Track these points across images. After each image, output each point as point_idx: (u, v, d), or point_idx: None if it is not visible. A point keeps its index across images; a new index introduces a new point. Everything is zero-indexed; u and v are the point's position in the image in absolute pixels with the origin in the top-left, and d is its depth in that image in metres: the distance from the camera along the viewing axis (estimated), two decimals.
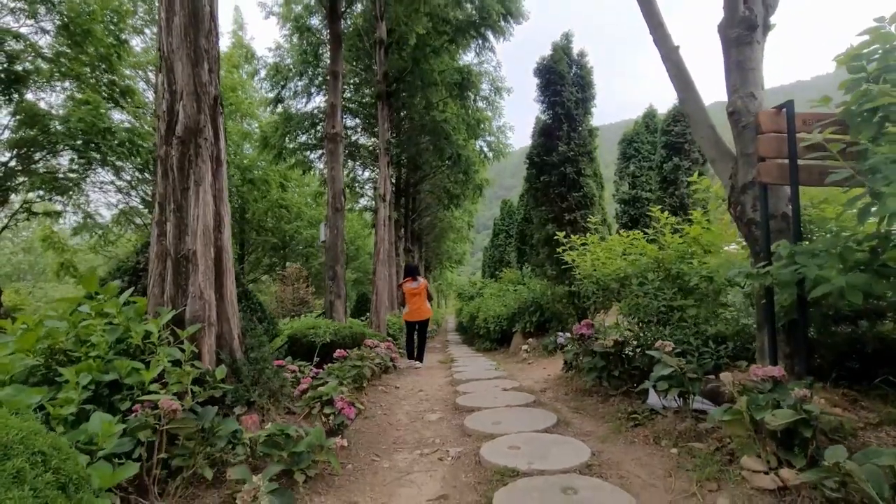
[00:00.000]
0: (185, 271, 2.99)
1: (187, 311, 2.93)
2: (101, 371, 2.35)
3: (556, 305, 8.18)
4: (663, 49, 3.97)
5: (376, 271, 11.51)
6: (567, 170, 8.31)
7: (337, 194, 7.91)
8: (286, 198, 22.31)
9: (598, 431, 3.21)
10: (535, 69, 9.08)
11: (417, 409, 4.32)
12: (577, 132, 8.49)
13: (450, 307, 55.68)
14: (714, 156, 3.65)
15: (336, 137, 8.02)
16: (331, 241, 7.82)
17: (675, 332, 3.62)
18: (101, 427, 1.84)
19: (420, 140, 16.61)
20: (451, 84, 13.60)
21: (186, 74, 3.17)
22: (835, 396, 2.98)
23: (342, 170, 8.18)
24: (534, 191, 9.06)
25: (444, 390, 5.18)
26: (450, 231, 32.98)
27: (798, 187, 2.61)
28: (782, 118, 2.64)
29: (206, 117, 3.22)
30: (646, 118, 12.88)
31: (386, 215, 11.76)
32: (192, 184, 3.09)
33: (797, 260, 2.36)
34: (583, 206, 8.22)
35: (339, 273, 7.69)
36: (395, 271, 17.75)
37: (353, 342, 6.18)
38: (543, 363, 6.95)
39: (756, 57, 3.34)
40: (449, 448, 3.03)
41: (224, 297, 3.18)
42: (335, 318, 7.47)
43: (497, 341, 11.24)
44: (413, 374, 6.77)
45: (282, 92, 14.54)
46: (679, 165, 9.75)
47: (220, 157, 3.32)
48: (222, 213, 3.28)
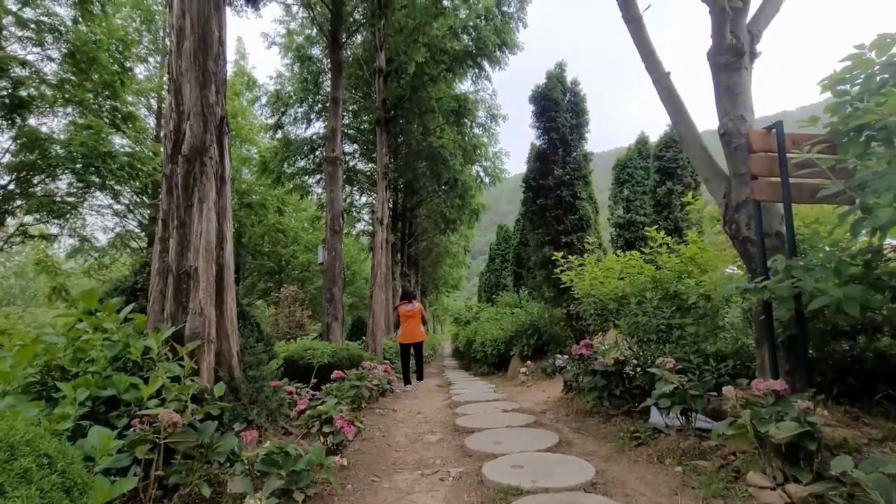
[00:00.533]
0: (186, 288, 2.99)
1: (187, 328, 2.92)
2: (98, 387, 2.32)
3: (553, 328, 8.16)
4: (654, 74, 4.13)
5: (373, 294, 11.46)
6: (563, 193, 8.44)
7: (335, 216, 7.97)
8: (283, 222, 22.38)
9: (601, 451, 3.17)
10: (531, 96, 9.34)
11: (416, 430, 4.24)
12: (572, 157, 8.67)
13: (446, 333, 55.20)
14: (708, 175, 3.74)
15: (336, 161, 8.14)
16: (328, 263, 7.82)
17: (675, 351, 3.62)
18: (99, 441, 1.80)
19: (417, 165, 16.86)
20: (447, 111, 13.93)
21: (194, 96, 3.25)
22: (837, 414, 2.97)
23: (341, 193, 8.26)
24: (530, 214, 9.17)
25: (443, 412, 5.10)
26: (446, 256, 33.04)
27: (791, 204, 2.68)
28: (772, 138, 2.73)
29: (212, 137, 3.29)
30: (638, 144, 13.18)
31: (383, 238, 11.80)
32: (196, 201, 3.13)
33: (794, 274, 2.40)
34: (579, 229, 8.31)
35: (337, 295, 7.66)
36: (392, 295, 17.69)
37: (350, 364, 6.11)
38: (542, 385, 6.87)
39: (744, 82, 3.48)
40: (450, 468, 2.97)
41: (224, 314, 3.17)
42: (332, 340, 7.40)
43: (495, 365, 11.12)
44: (411, 398, 6.67)
45: (282, 118, 14.81)
46: (672, 190, 9.94)
47: (224, 175, 3.38)
48: (225, 230, 3.31)
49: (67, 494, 1.03)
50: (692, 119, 3.93)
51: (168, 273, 3.02)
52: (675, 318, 3.86)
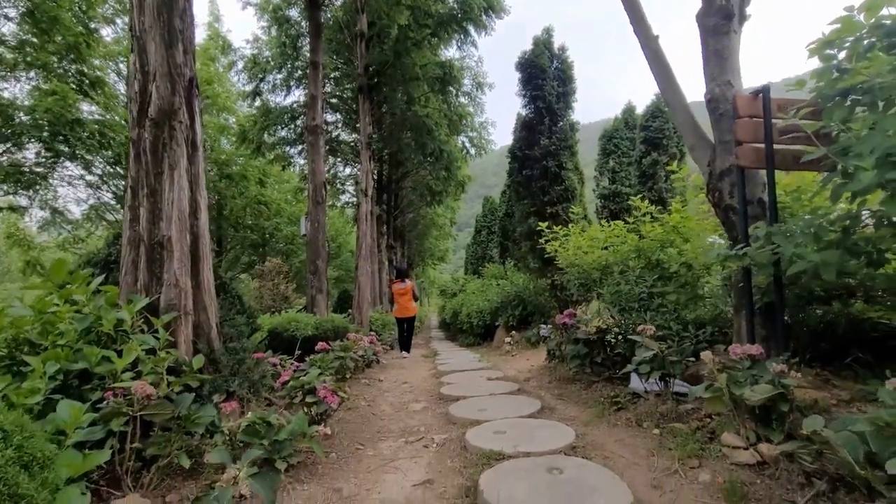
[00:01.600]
0: (160, 258, 2.89)
1: (162, 300, 2.84)
2: (69, 360, 2.25)
3: (538, 298, 8.24)
4: (643, 38, 4.02)
5: (358, 267, 11.39)
6: (549, 163, 8.36)
7: (318, 187, 7.79)
8: (265, 194, 21.87)
9: (581, 416, 3.24)
10: (517, 63, 9.11)
11: (402, 399, 4.28)
12: (559, 126, 8.55)
13: (432, 305, 55.62)
14: (693, 142, 3.71)
15: (316, 129, 7.89)
16: (311, 234, 7.69)
17: (655, 318, 3.67)
18: (69, 414, 1.75)
19: (402, 135, 16.50)
20: (432, 78, 13.54)
21: (160, 55, 3.06)
22: (808, 377, 3.07)
23: (323, 163, 8.05)
24: (516, 185, 9.11)
25: (429, 382, 5.16)
26: (432, 228, 32.90)
27: (774, 171, 2.67)
28: (758, 103, 2.69)
29: (181, 99, 3.11)
30: (625, 115, 13.07)
31: (368, 210, 11.64)
32: (166, 168, 2.98)
33: (774, 240, 2.41)
34: (564, 200, 8.29)
35: (321, 267, 7.57)
36: (378, 267, 17.63)
37: (335, 336, 6.10)
38: (527, 355, 6.99)
39: (733, 46, 3.41)
40: (434, 435, 3.01)
41: (201, 286, 3.09)
42: (317, 312, 7.36)
43: (480, 336, 11.27)
44: (397, 368, 6.72)
45: (260, 85, 14.23)
46: (657, 160, 9.93)
47: (195, 140, 3.22)
48: (198, 198, 3.18)
49: (25, 469, 0.98)
50: (679, 84, 3.86)
51: (140, 243, 2.90)
52: (657, 287, 3.90)
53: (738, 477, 2.06)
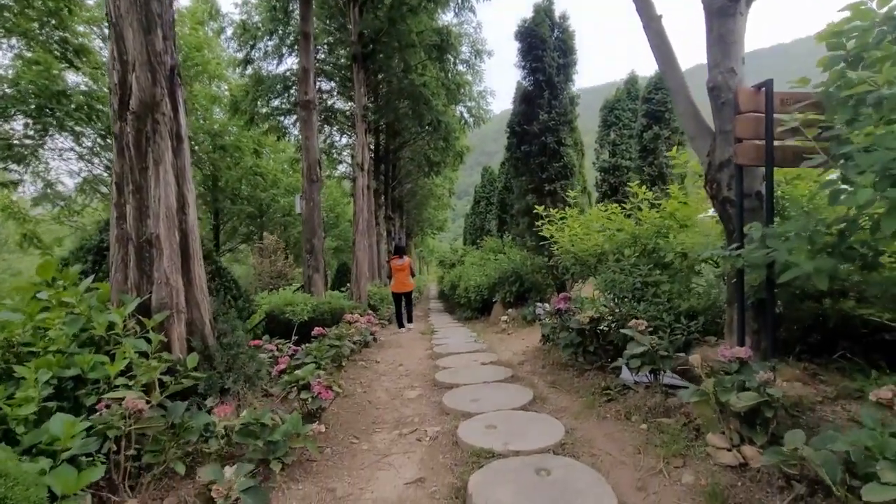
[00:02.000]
0: (149, 256, 2.86)
1: (153, 299, 2.83)
2: (62, 366, 2.26)
3: (535, 276, 8.27)
4: (645, 18, 3.84)
5: (356, 242, 11.36)
6: (547, 139, 8.20)
7: (312, 165, 7.65)
8: (261, 165, 21.54)
9: (572, 407, 3.30)
10: (516, 32, 8.78)
11: (397, 385, 4.36)
12: (559, 100, 8.32)
13: (431, 274, 55.99)
14: (693, 132, 3.61)
15: (309, 105, 7.66)
16: (307, 213, 7.62)
17: (648, 309, 3.69)
18: (62, 430, 1.77)
19: (399, 105, 16.09)
20: (429, 46, 13.07)
21: (138, 42, 2.92)
22: (797, 370, 3.11)
23: (317, 138, 7.87)
24: (514, 160, 8.96)
25: (424, 364, 5.24)
26: (431, 198, 32.67)
27: (773, 169, 2.60)
28: (761, 98, 2.59)
29: (163, 90, 3.00)
30: (628, 85, 12.69)
31: (364, 184, 11.50)
32: (150, 163, 2.91)
33: (768, 243, 2.38)
34: (563, 177, 8.18)
35: (317, 246, 7.54)
36: (377, 240, 17.60)
37: (332, 318, 6.15)
38: (522, 334, 7.07)
39: (738, 30, 3.26)
40: (427, 427, 3.08)
41: (192, 282, 3.08)
42: (314, 291, 7.39)
43: (478, 310, 11.38)
44: (394, 347, 6.82)
45: (251, 53, 13.72)
46: (659, 134, 9.72)
47: (180, 133, 3.13)
48: (186, 193, 3.12)
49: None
50: (681, 70, 3.72)
51: (128, 241, 2.87)
52: (652, 276, 3.89)
53: (720, 479, 2.12)
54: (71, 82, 12.61)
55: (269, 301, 6.81)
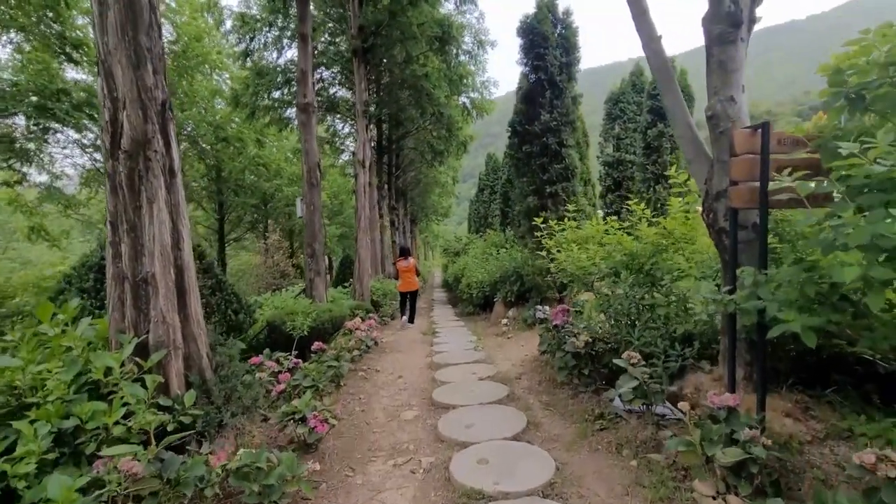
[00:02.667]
0: (145, 295, 2.90)
1: (150, 338, 2.87)
2: (60, 416, 2.32)
3: (536, 278, 8.27)
4: (645, 37, 3.76)
5: (358, 239, 11.38)
6: (549, 140, 8.09)
7: (312, 168, 7.61)
8: (263, 155, 21.44)
9: (565, 435, 3.35)
10: (519, 28, 8.58)
11: (395, 401, 4.43)
12: (561, 100, 8.19)
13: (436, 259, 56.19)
14: (690, 156, 3.57)
15: (308, 108, 7.59)
16: (308, 218, 7.62)
17: (644, 333, 3.70)
18: (59, 493, 1.83)
19: (400, 95, 15.91)
20: (431, 37, 12.82)
21: (128, 79, 2.90)
22: (788, 403, 3.12)
23: (316, 143, 7.82)
24: (516, 160, 8.87)
25: (423, 376, 5.30)
26: (434, 185, 32.54)
27: (767, 211, 2.57)
28: (757, 139, 2.54)
29: (155, 126, 2.99)
30: (633, 77, 12.42)
31: (366, 182, 11.45)
32: (144, 201, 2.92)
33: (759, 293, 2.37)
34: (564, 179, 8.10)
35: (318, 250, 7.57)
36: (380, 233, 17.62)
37: (333, 327, 6.21)
38: (522, 338, 7.12)
39: (739, 56, 3.18)
40: (422, 458, 3.14)
41: (189, 317, 3.12)
42: (315, 295, 7.45)
43: (480, 306, 11.45)
44: (394, 352, 6.90)
45: (250, 45, 13.54)
46: (663, 132, 9.55)
47: (173, 168, 3.12)
48: (180, 228, 3.14)
49: None
50: (680, 92, 3.65)
51: (124, 280, 2.90)
52: (647, 299, 3.89)
53: None
54: (70, 77, 12.54)
55: (272, 304, 6.89)
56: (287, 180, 23.56)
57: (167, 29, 16.35)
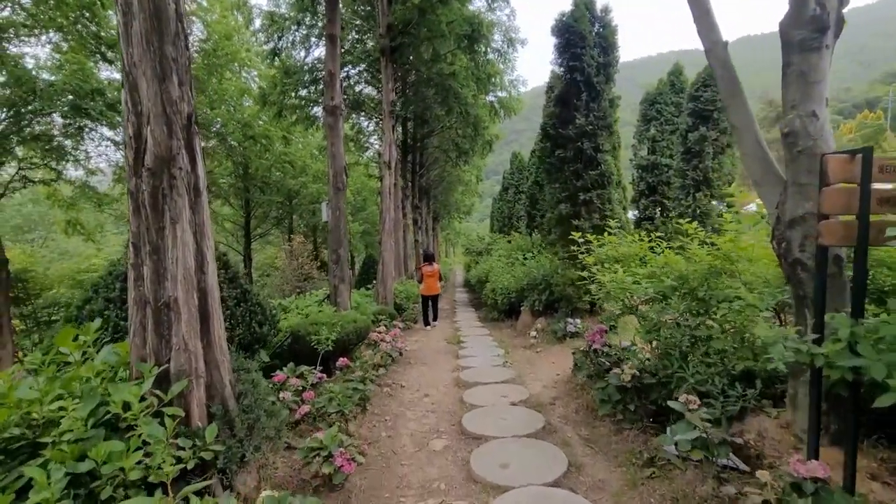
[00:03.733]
0: (167, 320, 2.74)
1: (171, 366, 2.71)
2: (76, 457, 2.17)
3: (567, 288, 7.92)
4: (708, 42, 3.40)
5: (382, 242, 11.24)
6: (584, 145, 7.71)
7: (338, 173, 7.45)
8: (290, 152, 21.57)
9: (611, 481, 3.06)
10: (554, 27, 8.20)
11: (422, 426, 4.21)
12: (597, 102, 7.79)
13: (458, 256, 55.99)
14: (759, 177, 3.20)
15: (335, 111, 7.42)
16: (333, 223, 7.47)
17: (699, 369, 3.36)
18: None
19: (427, 94, 15.67)
20: (459, 35, 12.49)
21: (153, 92, 2.73)
22: (873, 463, 2.76)
23: (343, 146, 7.65)
24: (547, 165, 8.52)
25: (451, 396, 5.07)
26: (458, 184, 32.30)
27: (866, 251, 2.21)
28: (856, 167, 2.19)
29: (180, 142, 2.82)
30: (671, 76, 11.83)
31: (391, 183, 11.28)
32: (167, 222, 2.75)
33: (859, 350, 2.03)
34: (599, 186, 7.72)
35: (343, 256, 7.42)
36: (403, 233, 17.47)
37: (358, 338, 6.04)
38: (552, 353, 6.81)
39: (823, 66, 2.81)
40: (453, 501, 2.90)
41: (212, 343, 2.95)
42: (339, 302, 7.30)
43: (505, 312, 11.17)
44: (419, 364, 6.70)
45: (279, 44, 13.50)
46: (706, 136, 9.00)
47: (198, 185, 2.95)
48: (205, 250, 2.97)
49: None
50: (748, 105, 3.28)
51: (146, 304, 2.75)
52: (702, 330, 3.55)
53: None
54: (104, 77, 12.75)
55: (297, 309, 6.76)
56: (312, 178, 23.67)
57: (197, 27, 16.52)
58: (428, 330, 10.33)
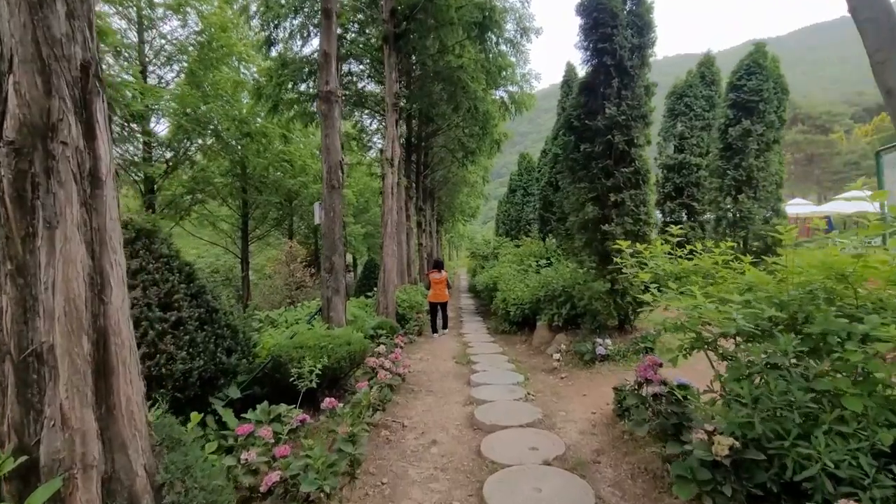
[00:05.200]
0: (37, 379, 1.76)
1: (42, 450, 1.73)
2: None
3: (593, 303, 6.90)
4: None
5: (384, 246, 10.27)
6: (615, 138, 6.70)
7: (333, 168, 6.47)
8: (289, 151, 20.61)
9: None
10: (579, 6, 7.22)
11: (430, 497, 3.20)
12: (631, 89, 6.78)
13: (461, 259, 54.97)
14: None
15: (330, 97, 6.44)
16: (326, 226, 6.48)
17: (828, 443, 2.34)
18: None
19: (433, 88, 14.69)
20: (469, 23, 11.53)
21: (19, 24, 1.76)
22: None
23: (339, 138, 6.68)
24: (570, 162, 7.51)
25: (465, 444, 4.06)
26: (463, 185, 31.38)
27: None
28: None
29: (65, 104, 1.84)
30: (701, 67, 10.80)
31: (394, 182, 10.30)
32: (40, 226, 1.77)
33: None
34: (633, 185, 6.70)
35: (337, 264, 6.42)
36: (407, 235, 16.46)
37: (351, 363, 5.04)
38: (581, 381, 5.79)
39: None
40: None
41: (116, 412, 1.96)
42: (333, 317, 6.31)
43: (517, 325, 10.18)
44: (424, 393, 5.69)
45: (274, 32, 12.58)
46: (750, 130, 7.92)
47: (97, 171, 1.97)
48: (106, 267, 1.98)
49: None
50: None
51: (4, 355, 1.76)
52: (823, 383, 2.52)
53: None
54: None
55: (285, 320, 5.78)
56: (312, 178, 22.70)
57: (192, 19, 15.63)
58: (436, 338, 9.99)
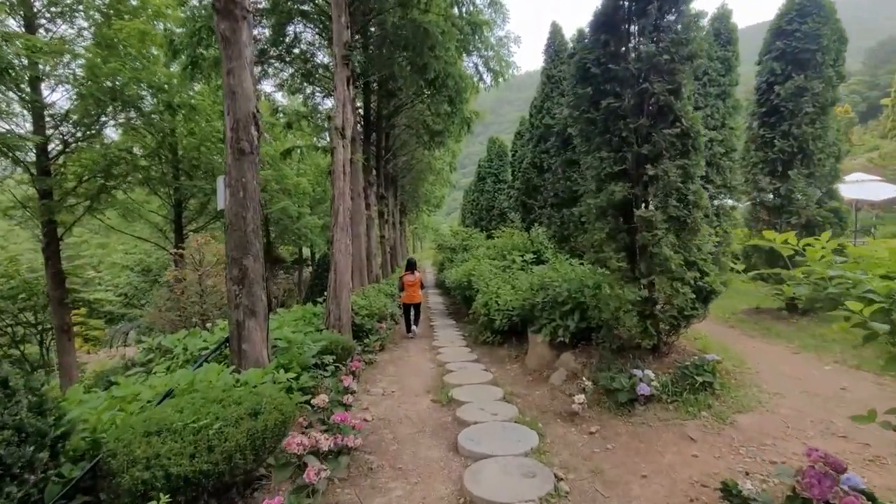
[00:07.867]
0: None
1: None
2: None
3: (622, 316, 4.98)
4: None
5: (335, 240, 8.00)
6: (652, 87, 4.78)
7: (242, 123, 4.18)
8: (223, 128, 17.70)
9: None
10: None
11: None
12: (672, 16, 4.87)
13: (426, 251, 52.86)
14: None
15: (233, 9, 4.14)
16: (233, 210, 4.20)
17: None
18: None
19: (394, 55, 12.38)
20: None
21: None
22: None
23: (251, 75, 4.36)
24: (584, 122, 5.52)
25: None
26: (428, 172, 29.10)
27: None
28: None
29: None
30: (714, 22, 9.12)
31: (346, 158, 8.02)
32: None
33: None
34: (679, 153, 4.82)
35: (252, 270, 4.17)
36: (366, 229, 14.13)
37: (257, 454, 2.84)
38: (626, 446, 3.86)
39: None
40: None
41: None
42: (246, 352, 4.08)
43: (503, 334, 8.25)
44: (386, 481, 3.60)
45: None
46: (805, 87, 6.23)
47: None
48: None
49: None
50: None
51: None
52: None
53: None
54: None
55: (177, 358, 3.48)
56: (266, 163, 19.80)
57: None
58: (407, 347, 8.90)
